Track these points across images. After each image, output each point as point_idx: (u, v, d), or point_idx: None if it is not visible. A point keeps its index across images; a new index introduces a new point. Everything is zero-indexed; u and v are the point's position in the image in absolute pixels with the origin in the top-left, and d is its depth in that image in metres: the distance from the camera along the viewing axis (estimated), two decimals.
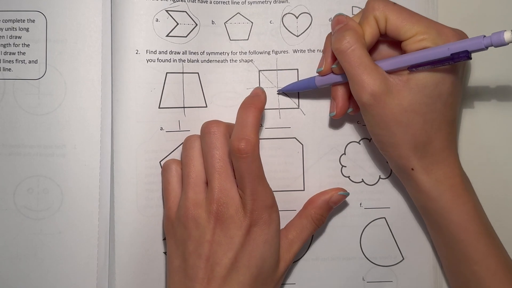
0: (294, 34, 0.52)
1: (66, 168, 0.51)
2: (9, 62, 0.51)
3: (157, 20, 0.50)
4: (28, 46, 0.51)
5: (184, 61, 0.51)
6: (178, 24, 0.51)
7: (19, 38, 0.51)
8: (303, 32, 0.52)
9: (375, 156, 0.52)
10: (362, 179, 0.52)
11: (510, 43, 0.39)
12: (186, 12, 0.51)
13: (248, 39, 0.52)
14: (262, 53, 0.52)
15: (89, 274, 0.50)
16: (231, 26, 0.52)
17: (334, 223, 0.52)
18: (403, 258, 0.52)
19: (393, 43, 0.48)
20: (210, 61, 0.52)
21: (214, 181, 0.46)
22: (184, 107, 0.51)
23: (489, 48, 0.40)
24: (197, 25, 0.51)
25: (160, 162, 0.50)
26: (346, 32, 0.45)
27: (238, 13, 0.52)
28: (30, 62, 0.51)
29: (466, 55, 0.41)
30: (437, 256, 0.51)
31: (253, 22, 0.52)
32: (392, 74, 0.45)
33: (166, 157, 0.50)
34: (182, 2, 0.51)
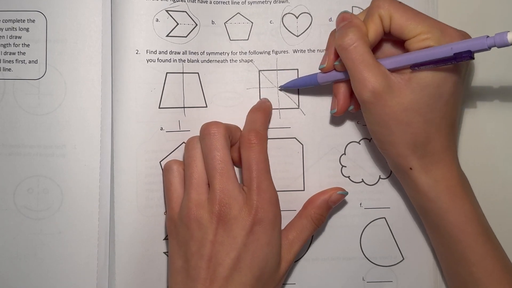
0: (294, 34, 0.52)
1: (66, 168, 0.51)
2: (9, 62, 0.51)
3: (157, 20, 0.50)
4: (28, 46, 0.51)
5: (184, 61, 0.51)
6: (178, 24, 0.51)
7: (19, 38, 0.51)
8: (303, 32, 0.52)
9: (375, 156, 0.52)
10: (362, 179, 0.52)
11: None
12: (186, 12, 0.51)
13: (248, 39, 0.52)
14: (262, 53, 0.52)
15: (89, 274, 0.50)
16: (231, 26, 0.52)
17: (334, 223, 0.52)
18: (403, 258, 0.52)
19: (396, 42, 0.48)
20: (210, 61, 0.52)
21: (216, 182, 0.46)
22: (184, 107, 0.51)
23: (492, 48, 0.40)
24: (197, 25, 0.51)
25: (160, 162, 0.50)
26: (349, 29, 0.45)
27: (238, 13, 0.52)
28: (30, 62, 0.51)
29: (469, 55, 0.41)
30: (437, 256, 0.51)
31: (253, 22, 0.52)
32: (394, 72, 0.45)
33: (166, 157, 0.50)
34: (182, 2, 0.51)
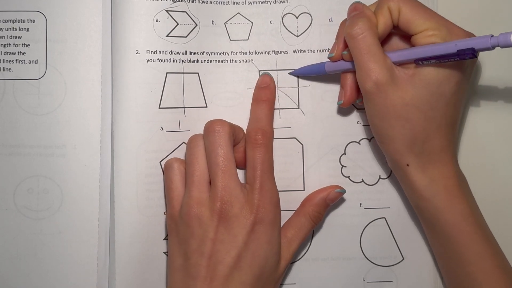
0: (294, 34, 0.52)
1: (66, 168, 0.51)
2: (9, 62, 0.51)
3: (157, 20, 0.50)
4: (28, 46, 0.51)
5: (184, 61, 0.51)
6: (178, 24, 0.51)
7: (19, 38, 0.51)
8: (303, 32, 0.52)
9: (375, 156, 0.52)
10: (362, 179, 0.52)
11: None
12: (186, 12, 0.51)
13: (248, 39, 0.52)
14: (262, 53, 0.52)
15: (89, 274, 0.50)
16: (231, 26, 0.52)
17: (334, 223, 0.52)
18: (403, 258, 0.52)
19: (403, 37, 0.48)
20: (210, 61, 0.52)
21: (218, 179, 0.46)
22: (184, 107, 0.51)
23: (495, 48, 0.40)
24: (197, 25, 0.51)
25: (160, 162, 0.50)
26: (359, 19, 0.45)
27: (238, 13, 0.52)
28: (30, 62, 0.51)
29: (472, 53, 0.41)
30: None
31: (253, 22, 0.52)
32: (399, 66, 0.45)
33: (166, 157, 0.50)
34: (182, 2, 0.51)
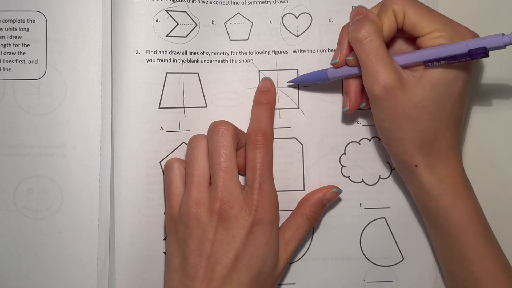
0: (294, 34, 0.52)
1: (66, 168, 0.50)
2: (9, 62, 0.51)
3: (157, 20, 0.50)
4: (28, 46, 0.51)
5: (184, 61, 0.51)
6: (178, 24, 0.51)
7: (19, 38, 0.51)
8: (303, 32, 0.52)
9: (375, 156, 0.52)
10: (362, 179, 0.52)
11: None
12: (186, 12, 0.51)
13: (248, 39, 0.52)
14: (262, 53, 0.52)
15: (89, 274, 0.50)
16: (231, 26, 0.52)
17: (334, 223, 0.52)
18: (403, 258, 0.52)
19: (408, 40, 0.48)
20: (210, 61, 0.52)
21: (219, 179, 0.46)
22: (184, 107, 0.51)
23: (507, 47, 0.40)
24: (197, 25, 0.51)
25: (160, 162, 0.50)
26: (365, 22, 0.45)
27: (238, 13, 0.52)
28: (30, 62, 0.51)
29: (483, 52, 0.41)
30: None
31: (253, 22, 0.52)
32: (406, 69, 0.45)
33: (166, 157, 0.50)
34: (182, 2, 0.51)
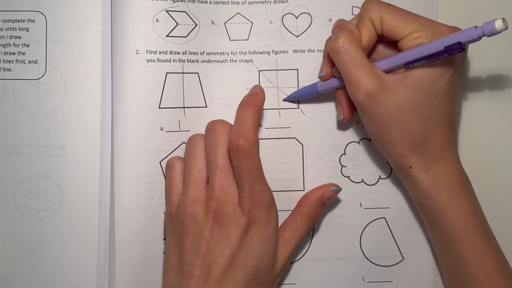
0: (294, 34, 0.52)
1: (66, 168, 0.50)
2: (9, 62, 0.51)
3: (157, 20, 0.50)
4: (28, 46, 0.51)
5: (184, 61, 0.51)
6: (178, 24, 0.51)
7: (19, 38, 0.51)
8: (303, 32, 0.52)
9: (375, 156, 0.52)
10: (362, 179, 0.52)
11: (502, 31, 0.39)
12: (186, 12, 0.51)
13: (248, 39, 0.52)
14: (262, 53, 0.52)
15: (89, 274, 0.50)
16: (231, 26, 0.52)
17: (334, 223, 0.52)
18: (403, 258, 0.52)
19: (390, 44, 0.48)
20: (210, 61, 0.52)
21: (215, 178, 0.46)
22: (184, 107, 0.51)
23: (482, 38, 0.40)
24: (197, 25, 0.51)
25: (160, 162, 0.50)
26: (340, 32, 0.46)
27: (238, 13, 0.52)
28: (30, 62, 0.51)
29: (459, 47, 0.41)
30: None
31: (253, 22, 0.52)
32: (389, 73, 0.45)
33: (166, 157, 0.50)
34: (182, 2, 0.51)
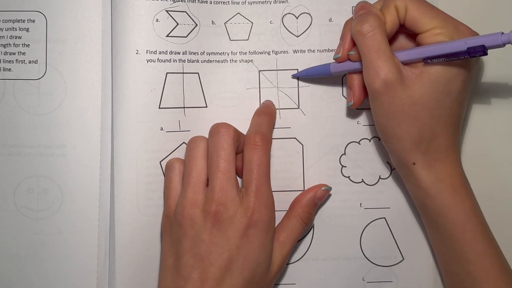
0: (294, 35, 0.52)
1: (66, 168, 0.50)
2: (9, 62, 0.51)
3: (157, 20, 0.50)
4: (28, 46, 0.51)
5: (184, 61, 0.51)
6: (178, 24, 0.51)
7: (19, 38, 0.51)
8: (303, 32, 0.52)
9: (375, 156, 0.52)
10: (362, 179, 0.52)
11: None
12: (186, 12, 0.51)
13: (248, 39, 0.52)
14: (262, 53, 0.52)
15: (89, 274, 0.50)
16: (231, 26, 0.52)
17: (334, 223, 0.52)
18: (403, 258, 0.52)
19: (408, 36, 0.48)
20: (210, 61, 0.52)
21: (216, 181, 0.46)
22: (184, 107, 0.51)
23: (506, 46, 0.41)
24: (197, 25, 0.51)
25: (160, 162, 0.50)
26: (369, 16, 0.45)
27: (238, 13, 0.52)
28: (30, 62, 0.51)
29: (482, 50, 0.41)
30: None
31: (253, 22, 0.52)
32: (406, 65, 0.45)
33: (166, 157, 0.50)
34: (182, 2, 0.51)
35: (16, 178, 0.50)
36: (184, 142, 0.51)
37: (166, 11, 0.50)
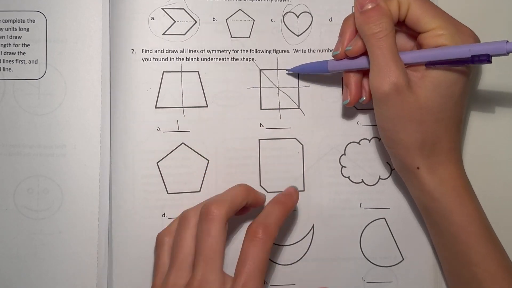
0: (294, 34, 0.52)
1: (66, 168, 0.51)
2: (9, 62, 0.51)
3: (152, 18, 0.50)
4: (28, 46, 0.51)
5: (182, 59, 0.51)
6: (175, 22, 0.50)
7: (19, 38, 0.51)
8: (304, 31, 0.52)
9: (375, 156, 0.51)
10: (362, 180, 0.52)
11: None
12: (184, 9, 0.51)
13: (249, 37, 0.52)
14: (263, 51, 0.52)
15: (89, 274, 0.50)
16: (233, 23, 0.52)
17: (334, 223, 0.51)
18: (403, 259, 0.51)
19: (409, 35, 0.47)
20: (210, 59, 0.51)
21: (199, 269, 0.42)
22: (183, 107, 0.51)
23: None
24: (196, 22, 0.51)
25: (157, 163, 0.50)
26: (383, 17, 0.44)
27: (240, 9, 0.52)
28: (30, 62, 0.51)
29: (486, 59, 0.41)
30: (437, 256, 0.51)
31: (254, 20, 0.52)
32: (408, 68, 0.44)
33: (163, 158, 0.50)
34: None
35: (16, 178, 0.51)
36: (183, 143, 0.50)
37: (162, 9, 0.50)
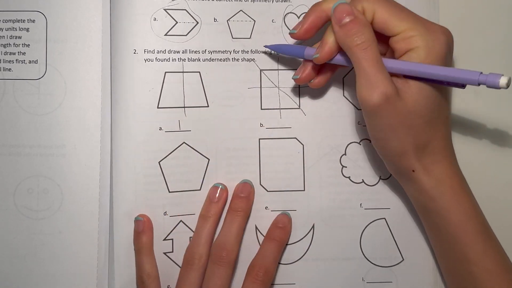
0: None
1: (66, 168, 0.51)
2: (9, 62, 0.51)
3: (155, 19, 0.50)
4: (28, 46, 0.51)
5: (184, 60, 0.51)
6: (177, 22, 0.50)
7: (19, 38, 0.51)
8: None
9: (376, 156, 0.51)
10: (362, 180, 0.52)
11: (502, 88, 0.39)
12: (186, 10, 0.51)
13: (250, 38, 0.52)
14: (264, 52, 0.52)
15: (89, 274, 0.50)
16: (234, 24, 0.52)
17: (334, 223, 0.52)
18: (403, 259, 0.51)
19: (381, 41, 0.46)
20: (212, 59, 0.51)
21: None
22: (184, 107, 0.51)
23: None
24: (198, 23, 0.51)
25: (159, 163, 0.50)
26: (364, 28, 0.43)
27: (241, 10, 0.52)
28: (30, 62, 0.51)
29: (461, 84, 0.42)
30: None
31: (255, 21, 0.52)
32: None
33: (165, 157, 0.50)
34: (181, 0, 0.51)
35: (16, 178, 0.50)
36: (184, 142, 0.50)
37: (164, 10, 0.50)
